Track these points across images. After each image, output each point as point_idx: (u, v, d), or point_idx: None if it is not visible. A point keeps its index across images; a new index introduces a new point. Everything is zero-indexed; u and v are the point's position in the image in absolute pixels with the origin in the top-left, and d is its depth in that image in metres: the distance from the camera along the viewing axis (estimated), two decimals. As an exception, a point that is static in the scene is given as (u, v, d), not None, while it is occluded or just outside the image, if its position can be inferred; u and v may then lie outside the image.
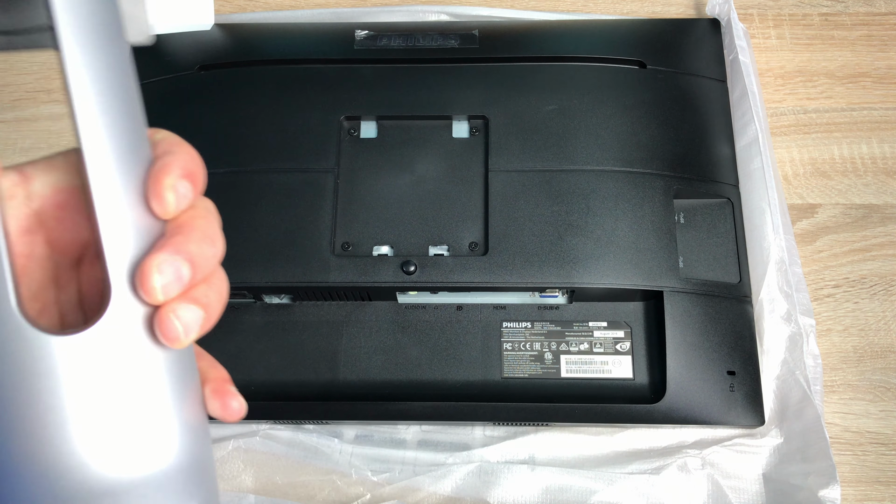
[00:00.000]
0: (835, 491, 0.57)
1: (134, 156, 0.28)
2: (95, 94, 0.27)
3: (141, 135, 0.29)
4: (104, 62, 0.27)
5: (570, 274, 0.62)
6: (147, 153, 0.28)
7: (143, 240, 0.27)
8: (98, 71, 0.27)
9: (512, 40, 0.72)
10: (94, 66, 0.27)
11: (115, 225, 0.26)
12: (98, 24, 0.27)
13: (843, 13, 0.77)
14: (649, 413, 0.60)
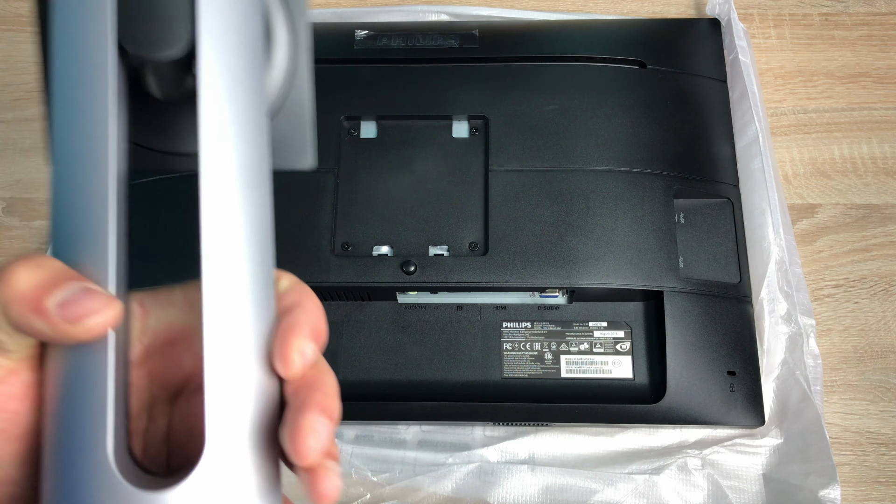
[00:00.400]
0: (835, 491, 0.57)
1: (258, 305, 0.27)
2: (229, 233, 0.27)
3: (269, 281, 0.28)
4: (245, 203, 0.27)
5: (570, 274, 0.62)
6: (272, 302, 0.27)
7: (251, 393, 0.26)
8: (236, 212, 0.27)
9: (512, 40, 0.72)
10: (233, 206, 0.27)
11: (223, 375, 0.25)
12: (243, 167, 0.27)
13: (844, 13, 0.77)
14: (649, 413, 0.60)
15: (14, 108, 0.76)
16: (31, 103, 0.76)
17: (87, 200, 0.25)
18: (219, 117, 0.26)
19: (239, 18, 0.27)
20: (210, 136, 0.26)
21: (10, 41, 0.79)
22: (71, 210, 0.25)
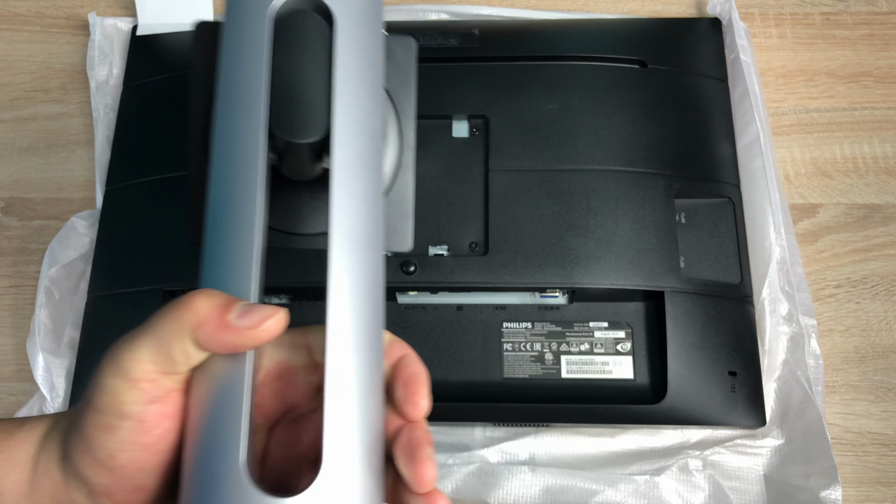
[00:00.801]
0: (836, 492, 0.57)
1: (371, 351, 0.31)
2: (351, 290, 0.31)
3: (379, 333, 0.32)
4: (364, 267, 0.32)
5: (571, 274, 0.62)
6: (381, 350, 0.32)
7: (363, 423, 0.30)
8: (357, 274, 0.32)
9: (512, 39, 0.72)
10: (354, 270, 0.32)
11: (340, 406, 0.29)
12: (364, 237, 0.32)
13: (845, 12, 0.77)
14: (650, 414, 0.60)
15: (13, 107, 0.76)
16: (29, 103, 0.76)
17: (239, 254, 0.31)
18: (347, 193, 0.32)
19: (365, 115, 0.33)
20: (340, 207, 0.31)
21: (10, 41, 0.78)
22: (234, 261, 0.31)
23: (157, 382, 0.30)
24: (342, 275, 0.32)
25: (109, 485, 0.31)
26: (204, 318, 0.29)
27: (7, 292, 0.69)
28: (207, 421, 0.29)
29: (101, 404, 0.30)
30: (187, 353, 0.30)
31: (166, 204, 0.67)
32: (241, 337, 0.29)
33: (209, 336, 0.29)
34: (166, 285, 0.64)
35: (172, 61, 0.73)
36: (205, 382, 0.30)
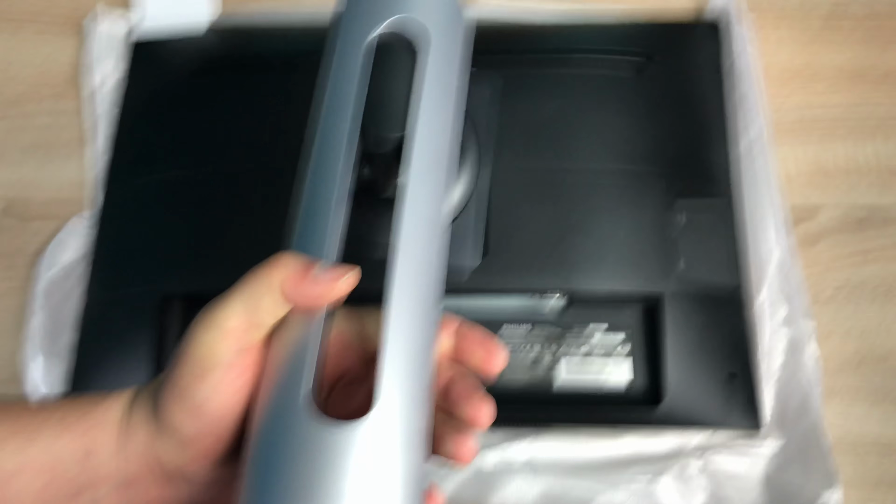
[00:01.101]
0: (835, 495, 0.57)
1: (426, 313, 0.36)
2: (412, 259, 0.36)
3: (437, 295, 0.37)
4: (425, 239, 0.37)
5: (570, 277, 0.62)
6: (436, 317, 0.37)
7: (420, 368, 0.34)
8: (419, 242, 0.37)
9: (512, 39, 0.72)
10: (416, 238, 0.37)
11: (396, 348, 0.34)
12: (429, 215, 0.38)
13: (845, 13, 0.77)
14: (649, 416, 0.60)
15: (13, 107, 0.76)
16: (30, 102, 0.76)
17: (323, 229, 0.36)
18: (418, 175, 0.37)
19: (438, 123, 0.39)
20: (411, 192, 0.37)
21: (10, 41, 0.78)
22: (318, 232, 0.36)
23: (245, 335, 0.34)
24: (406, 238, 0.36)
25: (196, 433, 0.34)
26: (291, 272, 0.34)
27: (6, 293, 0.69)
28: (279, 363, 0.34)
29: (195, 355, 0.34)
30: (273, 306, 0.34)
31: (165, 205, 0.67)
32: (322, 289, 0.34)
33: (294, 288, 0.34)
34: (165, 287, 0.64)
35: (172, 62, 0.73)
36: (281, 336, 0.35)
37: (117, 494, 0.36)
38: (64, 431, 0.35)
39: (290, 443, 0.32)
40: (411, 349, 0.34)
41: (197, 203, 0.66)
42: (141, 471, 0.35)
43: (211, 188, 0.67)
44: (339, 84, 0.39)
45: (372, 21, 0.39)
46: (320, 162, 0.38)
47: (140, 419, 0.36)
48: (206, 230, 0.65)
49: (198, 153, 0.68)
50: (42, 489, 0.34)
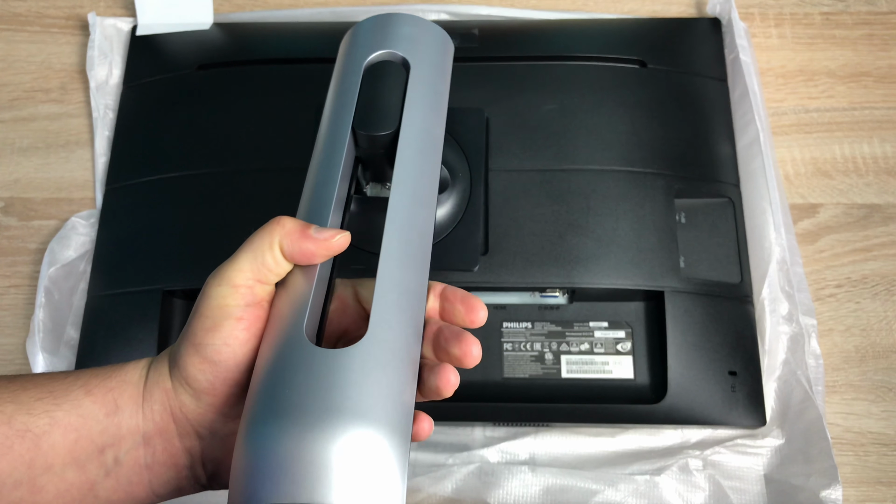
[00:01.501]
0: (836, 492, 0.57)
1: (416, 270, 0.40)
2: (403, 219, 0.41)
3: (426, 248, 0.42)
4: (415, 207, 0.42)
5: (571, 274, 0.62)
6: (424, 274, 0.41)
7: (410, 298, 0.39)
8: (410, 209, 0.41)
9: (512, 39, 0.72)
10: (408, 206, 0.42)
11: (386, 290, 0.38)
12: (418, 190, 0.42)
13: (845, 12, 0.77)
14: (650, 413, 0.60)
15: (12, 107, 0.76)
16: (29, 103, 0.76)
17: (321, 201, 0.41)
18: (408, 159, 0.43)
19: (425, 125, 0.45)
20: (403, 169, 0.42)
21: (9, 41, 0.78)
22: (315, 205, 0.41)
23: (252, 289, 0.38)
24: (397, 205, 0.41)
25: (211, 382, 0.38)
26: (290, 230, 0.38)
27: (7, 292, 0.69)
28: (282, 307, 0.38)
29: (208, 309, 0.38)
30: (276, 261, 0.38)
31: (166, 204, 0.67)
32: (317, 245, 0.38)
33: (293, 244, 0.38)
34: (166, 285, 0.64)
35: (172, 62, 0.73)
36: (284, 288, 0.39)
37: (140, 449, 0.38)
38: (88, 394, 0.38)
39: (291, 363, 0.35)
40: (399, 293, 0.38)
41: (197, 200, 0.66)
42: (161, 426, 0.39)
43: (210, 185, 0.67)
44: (343, 93, 0.45)
45: (372, 48, 0.46)
46: (324, 153, 0.43)
47: (158, 378, 0.39)
48: (207, 226, 0.65)
49: (199, 151, 0.68)
50: (72, 445, 0.37)
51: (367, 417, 0.33)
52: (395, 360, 0.36)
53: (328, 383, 0.34)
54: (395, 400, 0.35)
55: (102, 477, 0.38)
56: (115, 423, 0.38)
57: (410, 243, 0.40)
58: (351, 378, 0.34)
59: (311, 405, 0.33)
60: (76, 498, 0.38)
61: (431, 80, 0.46)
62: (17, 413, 0.37)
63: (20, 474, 0.36)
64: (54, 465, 0.37)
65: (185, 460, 0.40)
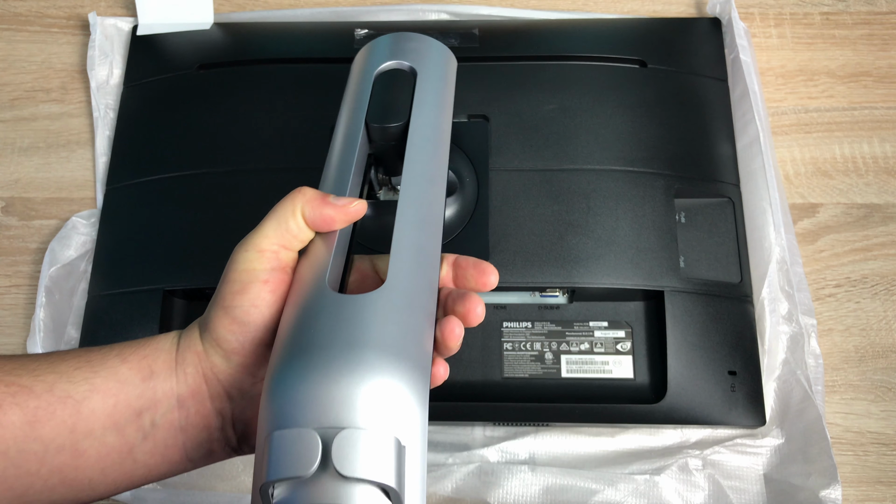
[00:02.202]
0: (836, 491, 0.57)
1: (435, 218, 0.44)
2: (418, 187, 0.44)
3: (440, 214, 0.44)
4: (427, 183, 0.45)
5: (571, 273, 0.62)
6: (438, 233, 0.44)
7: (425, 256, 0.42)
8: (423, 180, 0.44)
9: (512, 39, 0.72)
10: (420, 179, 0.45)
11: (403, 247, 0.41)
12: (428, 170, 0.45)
13: (845, 12, 0.77)
14: (650, 413, 0.60)
15: (13, 107, 0.76)
16: (29, 103, 0.76)
17: (342, 179, 0.44)
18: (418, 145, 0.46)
19: (431, 120, 0.48)
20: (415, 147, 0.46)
21: (10, 41, 0.78)
22: (334, 181, 0.44)
23: (277, 254, 0.41)
24: (411, 179, 0.44)
25: (242, 340, 0.40)
26: (311, 197, 0.41)
27: (7, 292, 0.69)
28: (304, 269, 0.41)
29: (236, 273, 0.40)
30: (298, 227, 0.41)
31: (166, 204, 0.67)
32: (336, 211, 0.41)
33: (314, 210, 0.41)
34: (166, 285, 0.64)
35: (172, 61, 0.73)
36: (306, 255, 0.42)
37: (175, 412, 0.40)
38: (123, 362, 0.40)
39: (315, 309, 0.37)
40: (415, 250, 0.41)
41: (198, 200, 0.66)
42: (194, 388, 0.41)
43: (211, 185, 0.67)
44: (357, 94, 0.49)
45: (383, 59, 0.50)
46: (341, 144, 0.47)
47: (189, 343, 0.41)
48: (207, 226, 0.65)
49: (199, 151, 0.68)
50: (111, 410, 0.39)
51: (390, 350, 0.35)
52: (413, 304, 0.38)
53: (352, 322, 0.36)
54: (415, 338, 0.37)
55: (140, 440, 0.40)
56: (150, 387, 0.40)
57: (424, 209, 0.43)
58: (373, 317, 0.36)
59: (336, 340, 0.35)
60: (116, 461, 0.39)
61: (437, 83, 0.50)
62: (58, 381, 0.39)
63: (63, 439, 0.38)
64: (95, 430, 0.39)
65: (217, 422, 0.41)
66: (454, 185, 0.62)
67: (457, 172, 0.62)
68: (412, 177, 0.44)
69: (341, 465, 0.31)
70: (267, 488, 0.32)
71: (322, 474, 0.32)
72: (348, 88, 0.51)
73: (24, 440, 0.37)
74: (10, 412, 0.37)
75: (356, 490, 0.31)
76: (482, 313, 0.43)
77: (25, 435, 0.37)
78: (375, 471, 0.31)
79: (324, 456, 0.31)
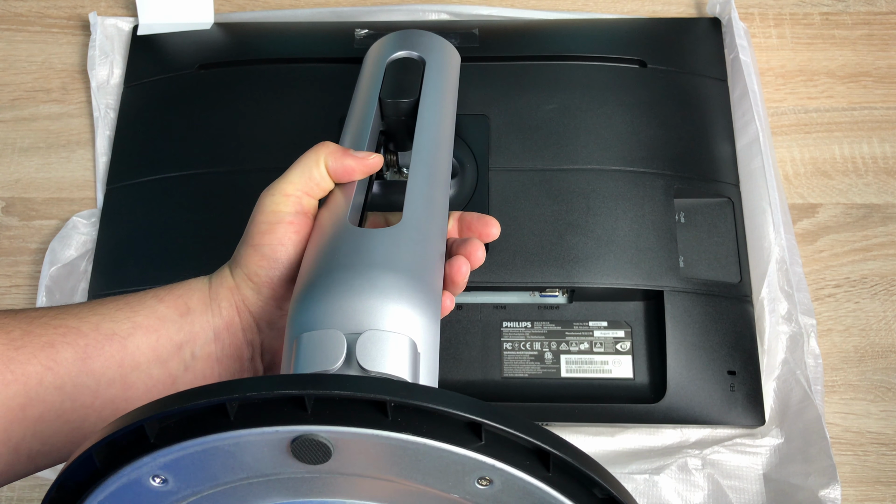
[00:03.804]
0: (835, 491, 0.57)
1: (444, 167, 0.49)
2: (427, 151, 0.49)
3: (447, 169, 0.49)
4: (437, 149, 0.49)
5: (571, 273, 0.62)
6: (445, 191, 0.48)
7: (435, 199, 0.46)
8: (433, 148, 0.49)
9: (512, 39, 0.72)
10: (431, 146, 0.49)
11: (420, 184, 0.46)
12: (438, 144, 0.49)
13: (844, 12, 0.77)
14: (649, 413, 0.60)
15: (13, 107, 0.76)
16: (29, 103, 0.76)
17: (360, 139, 0.49)
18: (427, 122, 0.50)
19: (438, 100, 0.52)
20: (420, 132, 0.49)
21: (10, 41, 0.78)
22: (352, 140, 0.49)
23: (300, 200, 0.44)
24: (422, 144, 0.48)
25: (271, 275, 0.44)
26: (333, 150, 0.45)
27: (7, 292, 0.69)
28: (325, 213, 0.45)
29: (263, 215, 0.44)
30: (321, 175, 0.45)
31: (167, 203, 0.67)
32: (356, 162, 0.45)
33: (336, 160, 0.45)
34: (166, 282, 0.64)
35: (173, 61, 0.73)
36: (326, 204, 0.46)
37: (212, 345, 0.44)
38: (160, 301, 0.44)
39: (337, 240, 0.41)
40: (426, 198, 0.45)
41: (198, 199, 0.66)
42: (228, 321, 0.44)
43: (211, 184, 0.67)
44: (370, 77, 0.53)
45: (393, 51, 0.54)
46: (357, 114, 0.51)
47: (222, 281, 0.45)
48: (207, 226, 0.65)
49: (199, 150, 0.68)
50: (154, 344, 0.42)
51: (408, 272, 0.39)
52: (426, 239, 0.42)
53: (373, 249, 0.40)
54: (428, 264, 0.41)
55: (182, 371, 0.43)
56: (188, 321, 0.43)
57: (434, 166, 0.47)
58: (392, 246, 0.40)
59: (359, 263, 0.39)
60: (161, 392, 0.42)
61: (444, 70, 0.54)
62: (103, 321, 0.42)
63: (113, 373, 0.41)
64: (140, 364, 0.42)
65: (248, 352, 0.45)
66: (455, 170, 0.63)
67: (457, 159, 0.64)
68: (424, 140, 0.48)
69: (364, 360, 0.34)
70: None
71: (346, 369, 0.35)
72: (362, 75, 0.55)
73: (78, 375, 0.40)
74: (63, 350, 0.40)
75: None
76: (482, 256, 0.47)
77: (79, 370, 0.40)
78: (394, 365, 0.35)
79: (347, 353, 0.35)
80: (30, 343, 0.40)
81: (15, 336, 0.40)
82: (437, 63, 0.53)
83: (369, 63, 0.55)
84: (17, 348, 0.39)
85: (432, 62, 0.53)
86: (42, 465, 0.41)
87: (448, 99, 0.53)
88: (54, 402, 0.40)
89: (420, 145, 0.48)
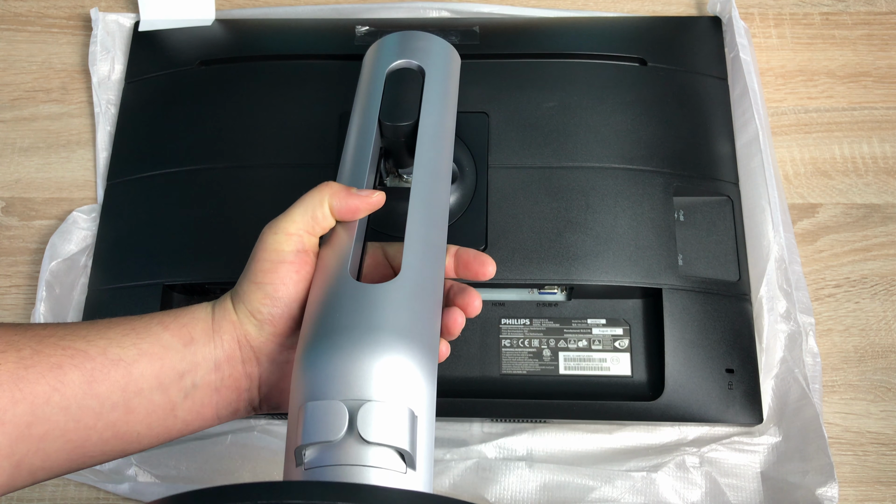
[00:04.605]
0: (832, 489, 0.57)
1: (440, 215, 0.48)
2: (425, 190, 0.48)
3: (444, 212, 0.49)
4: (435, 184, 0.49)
5: (570, 271, 0.62)
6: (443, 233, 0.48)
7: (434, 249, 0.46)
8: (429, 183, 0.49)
9: (512, 37, 0.72)
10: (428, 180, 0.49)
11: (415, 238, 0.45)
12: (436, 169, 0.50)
13: (844, 12, 0.77)
14: (647, 410, 0.60)
15: (13, 107, 0.76)
16: (29, 103, 0.76)
17: (361, 173, 0.49)
18: (427, 143, 0.50)
19: (438, 117, 0.52)
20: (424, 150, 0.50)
21: (10, 41, 0.79)
22: (353, 176, 0.49)
23: (302, 238, 0.45)
24: (420, 179, 0.48)
25: (271, 314, 0.44)
26: (336, 190, 0.46)
27: (7, 292, 0.69)
28: (328, 254, 0.46)
29: (265, 253, 0.45)
30: (324, 215, 0.45)
31: (167, 199, 0.67)
32: (360, 201, 0.46)
33: (339, 201, 0.45)
34: (166, 279, 0.64)
35: (174, 57, 0.73)
36: (327, 242, 0.47)
37: (212, 374, 0.45)
38: (165, 329, 0.44)
39: (339, 295, 0.42)
40: (425, 244, 0.45)
41: (198, 195, 0.66)
42: (229, 353, 0.45)
43: (211, 180, 0.67)
44: (370, 93, 0.53)
45: (393, 58, 0.54)
46: (356, 140, 0.51)
47: (224, 313, 0.46)
48: (207, 221, 0.65)
49: (200, 146, 0.69)
50: (157, 371, 0.43)
51: (404, 333, 0.40)
52: (424, 292, 0.43)
53: (372, 308, 0.41)
54: (425, 323, 0.42)
55: (182, 399, 0.44)
56: (191, 351, 0.44)
57: (432, 207, 0.47)
58: (390, 304, 0.41)
59: (358, 324, 0.40)
60: (160, 417, 0.44)
61: (443, 82, 0.54)
62: (110, 346, 0.43)
63: (117, 397, 0.42)
64: (143, 390, 0.43)
65: (246, 384, 0.46)
66: (455, 175, 0.64)
67: (457, 162, 0.65)
68: (421, 178, 0.48)
69: (365, 432, 0.36)
70: (301, 450, 0.37)
71: (348, 438, 0.36)
72: (361, 85, 0.55)
73: (84, 397, 0.41)
74: (71, 372, 0.41)
75: (377, 452, 0.36)
76: (479, 306, 0.48)
77: (84, 393, 0.41)
78: (393, 437, 0.36)
79: (349, 424, 0.36)
80: (39, 363, 0.41)
81: (25, 355, 0.41)
82: (437, 74, 0.54)
83: (367, 73, 0.55)
84: (27, 367, 0.40)
85: (432, 73, 0.53)
86: (41, 479, 0.42)
87: (448, 115, 0.53)
88: (59, 421, 0.40)
89: (419, 181, 0.48)
